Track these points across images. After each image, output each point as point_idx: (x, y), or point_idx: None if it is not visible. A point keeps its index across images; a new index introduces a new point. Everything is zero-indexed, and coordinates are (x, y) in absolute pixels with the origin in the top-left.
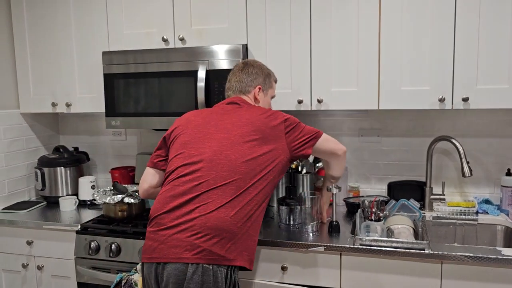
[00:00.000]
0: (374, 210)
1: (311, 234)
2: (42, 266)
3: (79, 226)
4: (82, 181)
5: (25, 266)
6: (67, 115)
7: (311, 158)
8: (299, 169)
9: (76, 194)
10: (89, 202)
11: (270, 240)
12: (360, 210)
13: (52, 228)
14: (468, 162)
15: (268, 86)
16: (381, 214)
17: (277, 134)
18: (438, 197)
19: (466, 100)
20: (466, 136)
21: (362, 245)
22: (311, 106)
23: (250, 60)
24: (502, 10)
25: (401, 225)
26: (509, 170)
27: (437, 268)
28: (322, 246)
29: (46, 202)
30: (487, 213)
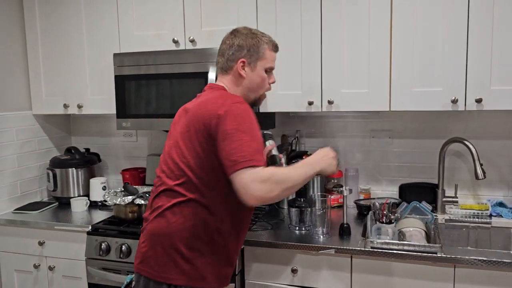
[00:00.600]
0: (385, 212)
1: (322, 237)
2: (54, 267)
3: (90, 227)
4: (93, 182)
5: (36, 266)
6: (79, 117)
7: None
8: None
9: (87, 195)
10: (100, 203)
11: (280, 242)
12: (371, 213)
13: (63, 229)
14: (481, 164)
15: (256, 57)
16: (392, 217)
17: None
18: (450, 199)
19: (479, 101)
20: (479, 138)
21: (373, 248)
22: (322, 107)
23: (240, 27)
24: None
25: (413, 227)
26: None
27: (449, 272)
28: (332, 248)
29: (57, 203)
30: (501, 216)
